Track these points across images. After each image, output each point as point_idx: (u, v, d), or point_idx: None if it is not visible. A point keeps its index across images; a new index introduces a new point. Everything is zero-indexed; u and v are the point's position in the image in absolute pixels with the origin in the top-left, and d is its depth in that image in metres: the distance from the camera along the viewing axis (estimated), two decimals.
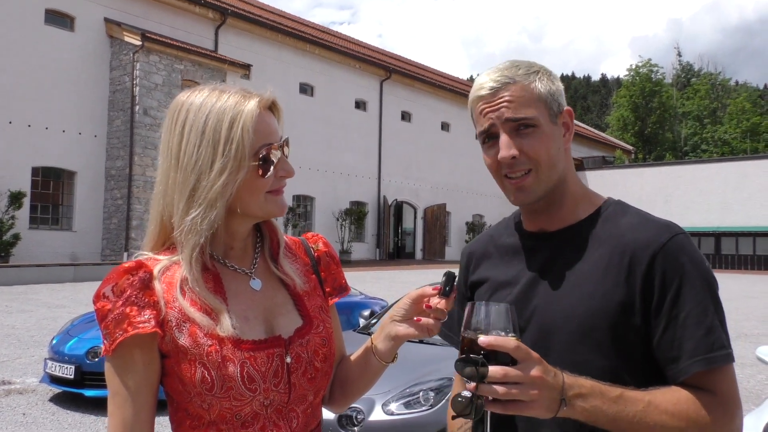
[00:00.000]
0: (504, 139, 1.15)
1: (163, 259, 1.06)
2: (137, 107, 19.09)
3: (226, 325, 1.01)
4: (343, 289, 1.25)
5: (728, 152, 49.81)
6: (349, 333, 5.61)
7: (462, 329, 0.98)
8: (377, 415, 3.80)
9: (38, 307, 11.81)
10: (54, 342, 6.10)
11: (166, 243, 1.09)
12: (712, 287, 1.10)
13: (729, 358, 1.05)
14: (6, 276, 15.35)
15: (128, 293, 0.99)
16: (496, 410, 0.94)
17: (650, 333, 1.08)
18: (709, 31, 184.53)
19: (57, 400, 5.95)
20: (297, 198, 26.13)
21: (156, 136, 19.33)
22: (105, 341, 0.99)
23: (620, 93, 57.46)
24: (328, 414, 3.89)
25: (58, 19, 19.22)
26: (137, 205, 19.11)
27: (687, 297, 1.07)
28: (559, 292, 1.15)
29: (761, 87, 75.07)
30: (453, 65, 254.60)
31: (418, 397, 3.89)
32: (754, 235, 32.12)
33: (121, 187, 19.41)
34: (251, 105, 1.04)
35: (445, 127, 33.91)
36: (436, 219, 31.99)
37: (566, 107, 1.20)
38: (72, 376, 5.63)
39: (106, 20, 20.00)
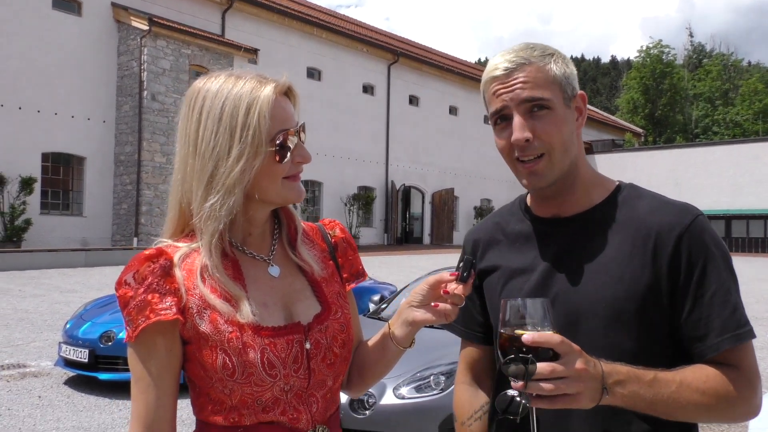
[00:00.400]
0: (518, 120, 1.13)
1: (183, 246, 1.06)
2: (145, 92, 19.09)
3: (246, 312, 1.01)
4: (360, 274, 1.25)
5: (740, 134, 49.26)
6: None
7: (500, 327, 0.99)
8: (388, 398, 3.83)
9: (50, 292, 11.94)
10: (68, 326, 6.17)
11: (185, 230, 1.10)
12: (731, 267, 1.13)
13: (752, 333, 1.09)
14: (18, 261, 15.51)
15: (150, 280, 1.00)
16: (543, 406, 0.94)
17: (676, 313, 1.11)
18: (722, 11, 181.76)
19: (71, 383, 6.03)
20: (305, 183, 25.98)
21: (164, 121, 19.35)
22: (128, 328, 1.01)
23: (630, 75, 56.80)
24: (340, 398, 3.91)
25: (66, 3, 19.18)
26: (146, 190, 19.19)
27: (712, 277, 1.09)
28: (583, 278, 1.14)
29: None
30: (461, 48, 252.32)
31: (429, 381, 3.92)
32: (766, 217, 31.86)
33: (131, 172, 19.48)
34: (267, 90, 1.04)
35: (453, 111, 33.71)
36: (444, 204, 31.93)
37: (580, 91, 1.19)
38: (86, 360, 5.71)
39: (113, 5, 19.95)
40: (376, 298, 6.47)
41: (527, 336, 0.93)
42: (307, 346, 1.06)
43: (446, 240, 31.61)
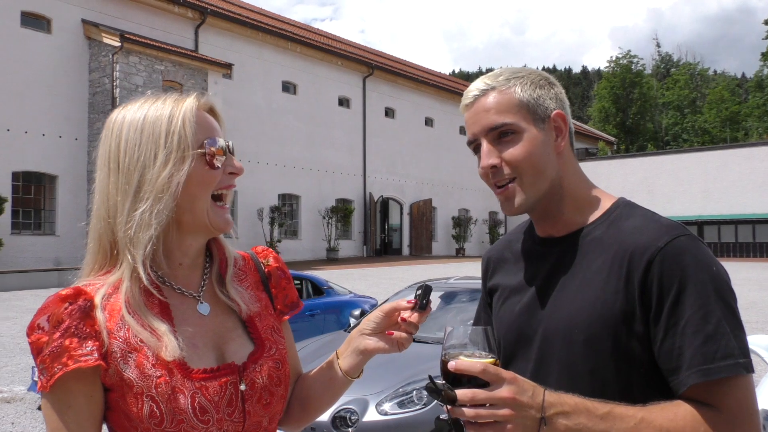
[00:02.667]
0: (484, 148, 1.14)
1: (104, 283, 0.99)
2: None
3: (172, 347, 0.95)
4: (295, 306, 1.20)
5: (708, 141, 50.43)
6: (340, 333, 5.61)
7: (441, 353, 0.98)
8: (371, 415, 3.80)
9: (23, 314, 11.65)
10: None
11: (106, 263, 1.03)
12: (720, 291, 1.02)
13: (735, 368, 0.96)
14: None
15: (67, 323, 0.92)
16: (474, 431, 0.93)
17: (653, 343, 1.03)
18: (689, 21, 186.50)
19: None
20: (282, 197, 26.02)
21: None
22: (41, 377, 0.92)
23: (601, 85, 57.93)
24: (322, 416, 3.88)
25: (35, 21, 18.90)
26: None
27: (687, 303, 1.00)
28: (562, 300, 1.12)
29: (739, 76, 76.00)
30: (436, 60, 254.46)
31: (412, 397, 3.90)
32: (736, 222, 32.57)
33: None
34: (189, 101, 1.04)
35: (428, 122, 33.93)
36: (422, 214, 32.03)
37: (556, 110, 1.15)
38: None
39: (84, 21, 19.71)
40: (357, 312, 6.44)
41: (452, 363, 0.93)
42: (242, 387, 1.00)
43: (425, 251, 31.68)
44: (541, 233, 1.23)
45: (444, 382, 0.94)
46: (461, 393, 0.91)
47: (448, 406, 0.93)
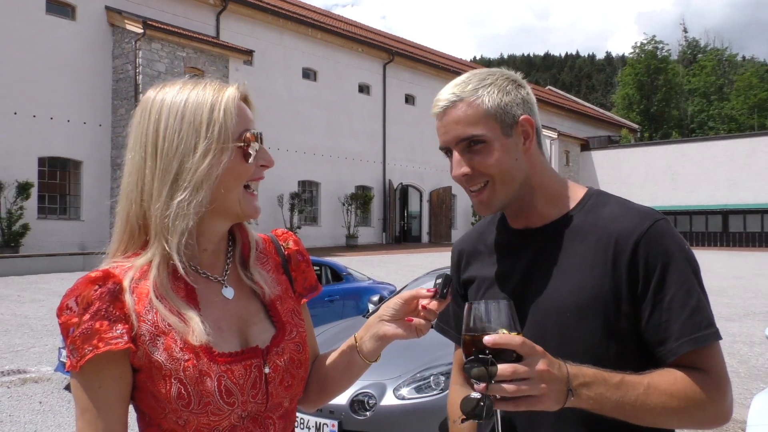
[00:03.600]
0: (455, 158, 1.19)
1: (133, 266, 1.00)
2: (141, 95, 19.00)
3: (199, 332, 0.97)
4: (314, 288, 1.22)
5: (735, 129, 49.36)
6: (358, 319, 5.65)
7: (463, 330, 0.98)
8: (389, 399, 3.84)
9: (49, 297, 11.92)
10: None
11: (134, 245, 1.04)
12: (695, 268, 1.13)
13: (715, 335, 1.09)
14: (16, 266, 15.48)
15: (97, 306, 0.94)
16: (507, 408, 0.94)
17: (639, 319, 1.12)
18: (719, 5, 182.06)
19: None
20: (302, 183, 26.13)
21: None
22: (71, 357, 0.93)
23: (625, 71, 56.92)
24: (340, 399, 3.93)
25: (59, 8, 19.13)
26: None
27: (671, 280, 1.10)
28: (551, 287, 1.17)
29: None
30: (458, 46, 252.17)
31: (429, 382, 3.93)
32: (763, 212, 31.93)
33: None
34: (231, 91, 1.04)
35: None
36: (442, 202, 31.95)
37: (523, 116, 1.19)
38: None
39: (107, 8, 19.90)
40: (375, 298, 6.48)
41: (488, 338, 0.92)
42: (266, 370, 1.03)
43: (444, 238, 31.63)
44: (516, 225, 1.28)
45: (488, 354, 0.92)
46: (503, 368, 0.91)
47: (484, 384, 0.91)
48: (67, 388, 6.05)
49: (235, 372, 0.99)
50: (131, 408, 1.02)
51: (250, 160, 1.03)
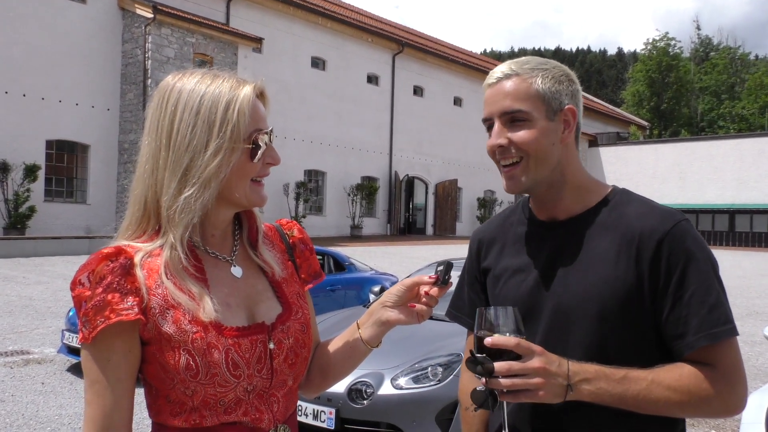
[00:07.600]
0: (496, 128, 1.22)
1: (144, 246, 1.03)
2: (149, 81, 19.06)
3: (209, 309, 1.00)
4: (317, 275, 1.26)
5: (745, 128, 48.97)
6: (359, 309, 5.67)
7: (474, 331, 1.09)
8: (386, 389, 3.86)
9: (54, 279, 12.01)
10: (71, 313, 6.22)
11: (147, 229, 1.06)
12: (714, 267, 1.18)
13: (732, 331, 1.13)
14: (22, 248, 15.60)
15: (109, 279, 0.97)
16: (508, 400, 1.06)
17: (658, 313, 1.16)
18: (738, 3, 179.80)
19: (74, 370, 6.09)
20: (308, 173, 26.14)
21: None
22: (83, 329, 0.97)
23: (636, 68, 56.48)
24: (338, 388, 3.95)
25: None
26: None
27: (691, 278, 1.14)
28: (574, 278, 1.21)
29: None
30: (470, 38, 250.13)
31: (427, 372, 3.95)
32: None
33: (134, 160, 19.17)
34: (247, 89, 1.05)
35: (457, 102, 33.60)
36: (448, 195, 31.90)
37: (568, 105, 1.23)
38: None
39: None
40: (377, 288, 6.50)
41: (488, 339, 1.04)
42: (271, 346, 1.06)
43: (449, 231, 31.62)
44: (542, 217, 1.31)
45: (483, 355, 1.04)
46: (498, 365, 1.03)
47: (485, 378, 1.04)
48: (69, 369, 6.11)
49: (242, 346, 1.02)
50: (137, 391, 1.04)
51: (257, 159, 1.06)
